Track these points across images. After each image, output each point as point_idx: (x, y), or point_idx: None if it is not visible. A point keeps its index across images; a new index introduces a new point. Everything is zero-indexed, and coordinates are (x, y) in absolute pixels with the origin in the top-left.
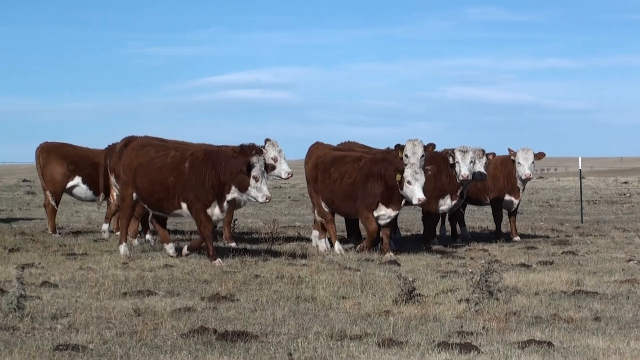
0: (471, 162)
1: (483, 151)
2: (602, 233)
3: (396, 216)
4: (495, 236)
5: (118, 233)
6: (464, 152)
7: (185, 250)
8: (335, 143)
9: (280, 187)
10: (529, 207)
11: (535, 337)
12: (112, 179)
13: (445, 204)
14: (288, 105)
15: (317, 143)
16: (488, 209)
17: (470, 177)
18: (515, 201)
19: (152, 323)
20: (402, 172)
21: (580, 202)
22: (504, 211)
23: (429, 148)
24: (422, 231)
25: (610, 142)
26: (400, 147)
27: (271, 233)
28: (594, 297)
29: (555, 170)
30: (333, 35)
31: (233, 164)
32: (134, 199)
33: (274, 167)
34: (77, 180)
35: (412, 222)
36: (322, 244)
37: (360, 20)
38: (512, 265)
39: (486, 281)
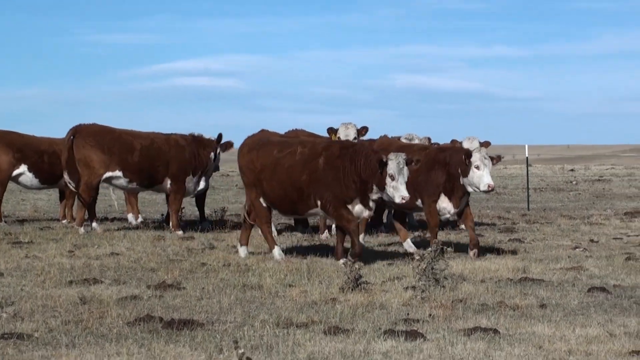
0: None
1: (429, 140)
2: (549, 220)
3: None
4: (442, 224)
5: (64, 221)
6: (410, 140)
7: (347, 259)
8: (283, 131)
9: (228, 175)
10: (475, 194)
11: (481, 324)
12: (66, 176)
13: None
14: (237, 93)
15: (262, 130)
16: None
17: None
18: None
19: (98, 311)
20: (469, 156)
21: (527, 189)
22: None
23: (362, 131)
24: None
25: (558, 130)
26: (333, 131)
27: (218, 221)
28: (540, 285)
29: (503, 158)
30: (282, 23)
31: (372, 161)
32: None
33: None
34: (23, 168)
35: None
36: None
37: (309, 8)
38: (459, 252)
39: (432, 269)
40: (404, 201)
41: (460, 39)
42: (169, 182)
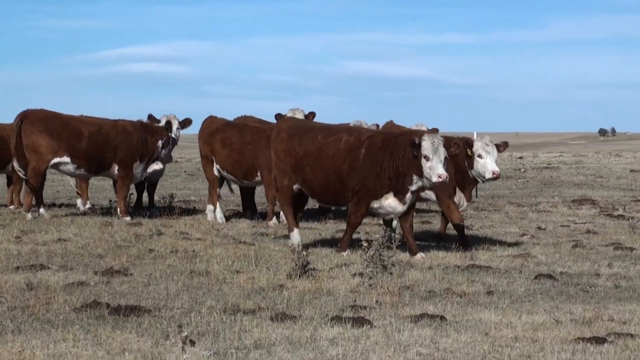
0: None
1: (377, 126)
2: (497, 208)
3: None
4: None
5: (12, 207)
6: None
7: (418, 256)
8: (232, 117)
9: (177, 161)
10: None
11: (428, 311)
12: (15, 163)
13: None
14: (185, 79)
15: (210, 117)
16: None
17: None
18: None
19: (44, 297)
20: (471, 146)
21: None
22: None
23: (309, 117)
24: (317, 206)
25: (506, 118)
26: (281, 117)
27: (167, 207)
28: (487, 272)
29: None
30: (231, 9)
31: (410, 151)
32: (294, 190)
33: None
34: None
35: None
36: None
37: None
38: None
39: (380, 255)
40: (440, 179)
41: (410, 26)
42: (116, 168)
